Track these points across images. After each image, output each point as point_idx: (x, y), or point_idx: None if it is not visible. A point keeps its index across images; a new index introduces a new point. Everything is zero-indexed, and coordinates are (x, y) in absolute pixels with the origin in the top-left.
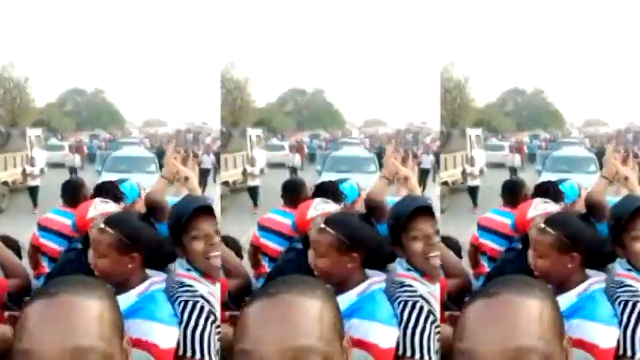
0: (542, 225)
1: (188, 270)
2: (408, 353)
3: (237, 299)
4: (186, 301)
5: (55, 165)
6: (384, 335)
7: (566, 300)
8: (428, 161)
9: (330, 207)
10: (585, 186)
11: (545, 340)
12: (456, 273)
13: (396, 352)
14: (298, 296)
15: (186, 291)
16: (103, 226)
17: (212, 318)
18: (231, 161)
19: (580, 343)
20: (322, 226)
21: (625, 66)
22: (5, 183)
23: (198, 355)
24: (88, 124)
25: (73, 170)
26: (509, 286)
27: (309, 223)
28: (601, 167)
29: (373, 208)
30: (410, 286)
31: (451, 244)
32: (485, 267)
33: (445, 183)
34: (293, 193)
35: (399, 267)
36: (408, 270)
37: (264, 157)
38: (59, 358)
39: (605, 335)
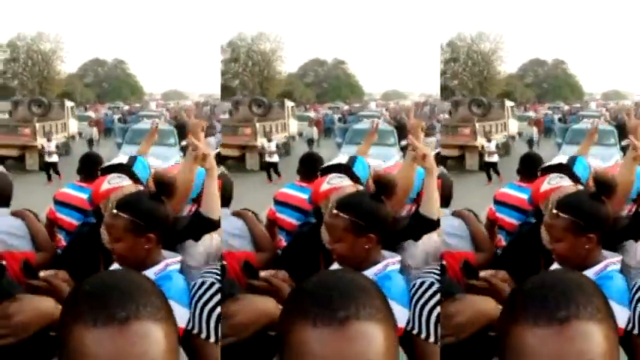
0: (555, 210)
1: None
2: (423, 335)
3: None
4: (212, 284)
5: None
6: (397, 313)
7: None
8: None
9: (344, 181)
10: (600, 161)
11: None
12: (485, 247)
13: (411, 332)
14: (372, 323)
15: (216, 274)
16: (115, 211)
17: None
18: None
19: None
20: (335, 211)
21: None
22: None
23: (212, 339)
24: (108, 96)
25: (90, 143)
26: (576, 307)
27: (322, 197)
28: (620, 140)
29: (384, 186)
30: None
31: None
32: (502, 240)
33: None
34: (309, 168)
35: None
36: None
37: (295, 127)
38: None
39: (618, 315)
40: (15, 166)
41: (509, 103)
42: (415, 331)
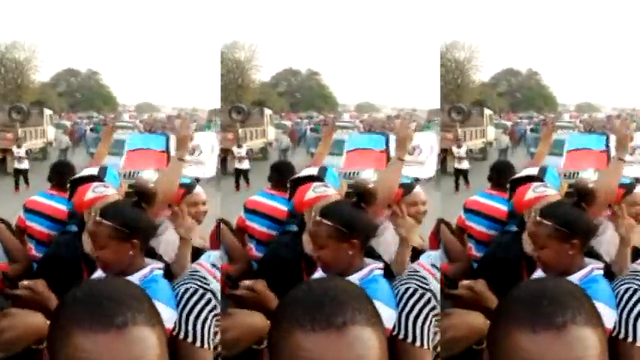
0: (538, 218)
1: (213, 265)
2: (409, 339)
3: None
4: (196, 290)
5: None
6: (385, 314)
7: None
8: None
9: (329, 190)
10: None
11: None
12: (459, 257)
13: (396, 336)
14: (366, 328)
15: (199, 280)
16: (99, 218)
17: (215, 312)
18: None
19: None
20: (318, 218)
21: (620, 51)
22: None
23: (198, 344)
24: (80, 106)
25: (63, 152)
26: (572, 313)
27: (307, 205)
28: None
29: (363, 194)
30: (424, 278)
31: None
32: (473, 249)
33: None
34: (281, 176)
35: (424, 258)
36: (432, 266)
37: (273, 135)
38: None
39: (606, 314)
40: None
41: (487, 111)
42: (401, 336)
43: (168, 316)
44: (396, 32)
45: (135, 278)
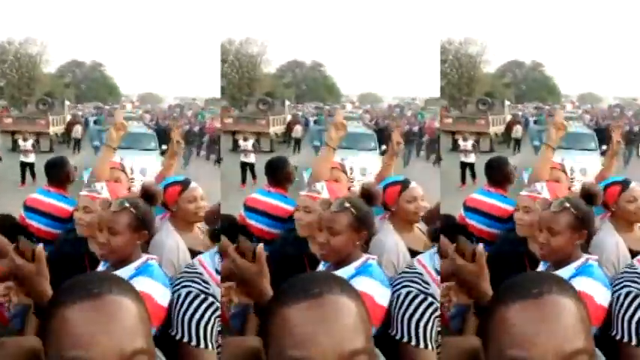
0: (567, 204)
1: (217, 271)
2: (413, 342)
3: None
4: (198, 294)
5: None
6: (380, 292)
7: (564, 273)
8: None
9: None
10: (582, 166)
11: (589, 340)
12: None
13: (401, 340)
14: (344, 296)
15: (200, 284)
16: (127, 204)
17: (217, 313)
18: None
19: None
20: (347, 204)
21: (623, 41)
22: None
23: (202, 345)
24: (86, 98)
25: (77, 142)
26: (549, 285)
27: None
28: (600, 144)
29: (370, 196)
30: (427, 283)
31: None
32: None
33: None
34: (275, 173)
35: (426, 259)
36: (436, 270)
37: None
38: None
39: (600, 292)
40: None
41: (506, 102)
42: (405, 339)
43: (162, 292)
44: (397, 23)
45: (131, 267)
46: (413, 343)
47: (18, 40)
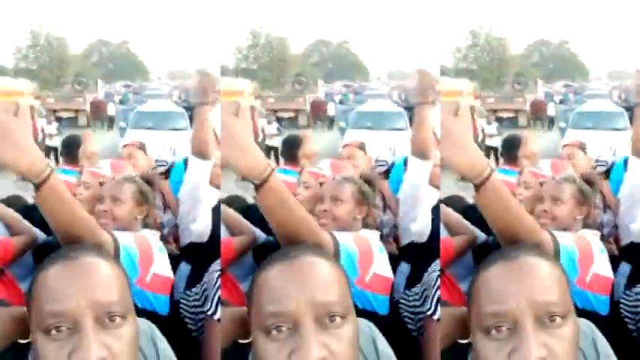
0: (572, 175)
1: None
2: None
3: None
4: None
5: None
6: (383, 262)
7: None
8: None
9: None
10: (612, 145)
11: (563, 298)
12: (461, 231)
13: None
14: (318, 258)
15: None
16: (135, 174)
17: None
18: None
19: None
20: (351, 176)
21: None
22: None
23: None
24: (113, 77)
25: (110, 119)
26: (527, 249)
27: None
28: (631, 122)
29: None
30: None
31: (458, 201)
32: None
33: None
34: (291, 150)
35: None
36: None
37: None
38: (91, 315)
39: (602, 260)
40: (69, 124)
41: (540, 81)
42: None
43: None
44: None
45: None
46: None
47: (48, 24)
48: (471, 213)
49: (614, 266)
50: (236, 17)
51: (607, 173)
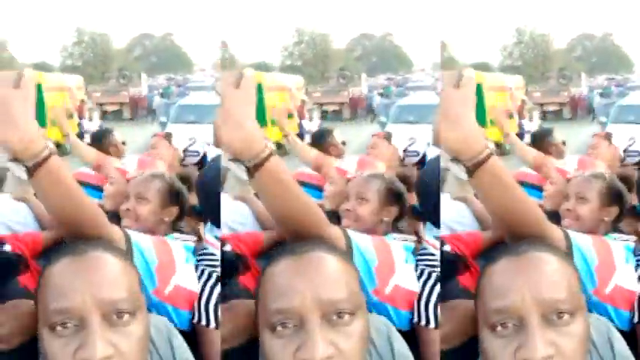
0: (600, 172)
1: (216, 237)
2: (423, 322)
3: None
4: (203, 270)
5: None
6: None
7: None
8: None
9: None
10: None
11: (572, 295)
12: (492, 226)
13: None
14: (326, 253)
15: (207, 260)
16: (160, 171)
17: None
18: None
19: None
20: (379, 172)
21: None
22: None
23: (212, 325)
24: (156, 70)
25: (152, 111)
26: (537, 245)
27: None
28: None
29: (405, 180)
30: (432, 254)
31: None
32: None
33: None
34: (319, 143)
35: (427, 234)
36: (436, 238)
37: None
38: (97, 312)
39: (627, 271)
40: (115, 117)
41: (583, 75)
42: (422, 323)
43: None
44: None
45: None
46: (423, 323)
47: (91, 22)
48: None
49: None
50: (281, 15)
51: None
